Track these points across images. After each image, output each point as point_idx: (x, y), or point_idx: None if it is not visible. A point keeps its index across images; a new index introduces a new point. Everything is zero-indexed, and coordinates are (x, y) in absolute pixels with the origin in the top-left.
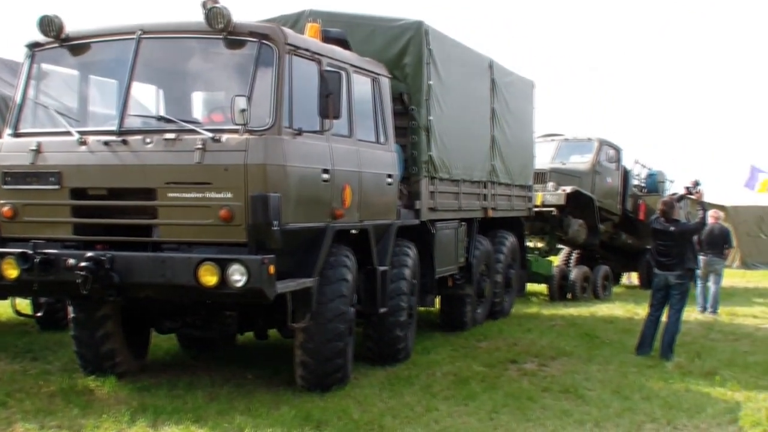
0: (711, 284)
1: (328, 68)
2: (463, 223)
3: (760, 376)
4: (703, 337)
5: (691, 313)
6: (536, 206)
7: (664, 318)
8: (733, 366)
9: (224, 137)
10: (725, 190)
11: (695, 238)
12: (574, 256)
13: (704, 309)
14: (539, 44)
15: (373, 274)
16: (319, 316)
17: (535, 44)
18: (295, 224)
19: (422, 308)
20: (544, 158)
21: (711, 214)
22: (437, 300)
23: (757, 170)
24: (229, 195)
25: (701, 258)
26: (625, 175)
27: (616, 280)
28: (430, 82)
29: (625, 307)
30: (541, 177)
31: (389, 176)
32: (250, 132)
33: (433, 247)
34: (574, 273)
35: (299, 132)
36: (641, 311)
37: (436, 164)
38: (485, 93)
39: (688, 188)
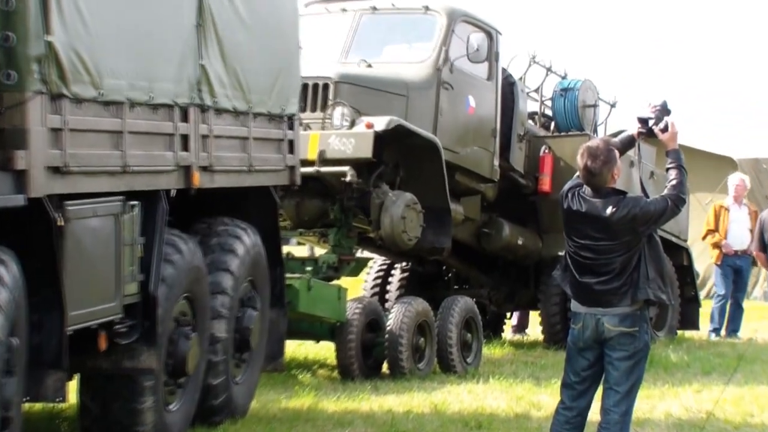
0: None
1: None
2: (134, 203)
3: None
4: None
5: (661, 402)
6: (307, 163)
7: (595, 415)
8: None
9: None
10: (738, 124)
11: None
12: (397, 275)
13: None
14: None
15: None
16: None
17: None
18: None
19: (35, 404)
20: (324, 52)
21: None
22: (71, 385)
23: None
24: None
25: None
26: (510, 91)
27: (494, 328)
28: None
29: (512, 392)
30: (318, 96)
31: None
32: None
33: (61, 260)
34: (397, 315)
35: None
36: (548, 400)
37: (64, 64)
38: None
39: (644, 121)
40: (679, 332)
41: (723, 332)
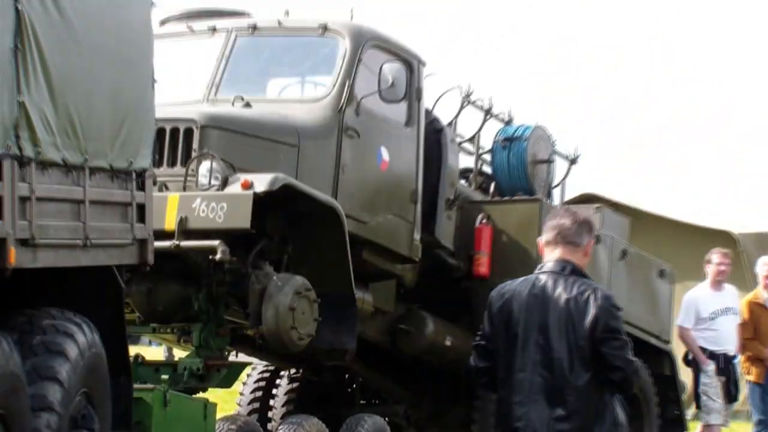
0: None
1: None
2: None
3: None
4: None
5: None
6: (163, 235)
7: None
8: None
9: None
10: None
11: None
12: (284, 386)
13: None
14: None
15: None
16: None
17: None
18: None
19: None
20: (187, 88)
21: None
22: None
23: None
24: None
25: None
26: (436, 139)
27: None
28: None
29: None
30: (177, 144)
31: None
32: None
33: None
34: None
35: None
36: None
37: None
38: None
39: None
40: None
41: None
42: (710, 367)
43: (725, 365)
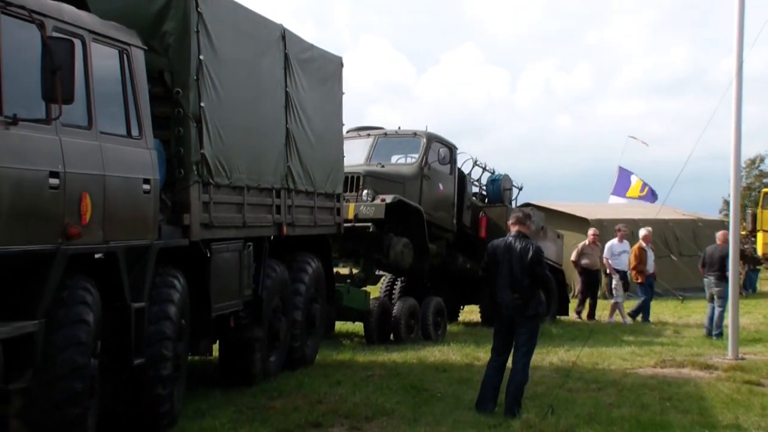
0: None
1: (55, 34)
2: (249, 243)
3: None
4: (559, 387)
5: (546, 356)
6: (347, 221)
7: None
8: (594, 423)
9: None
10: (593, 200)
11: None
12: (398, 285)
13: (710, 333)
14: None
15: (124, 314)
16: (45, 373)
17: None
18: (8, 247)
19: (194, 357)
20: (356, 158)
21: (719, 236)
22: (215, 346)
23: (628, 172)
24: None
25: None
26: (462, 180)
27: (453, 315)
28: (201, 57)
29: (463, 351)
30: (353, 183)
31: (146, 181)
32: None
33: (209, 275)
34: (398, 307)
35: (13, 120)
36: (483, 355)
37: (211, 165)
38: (277, 72)
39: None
40: (558, 317)
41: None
42: (616, 276)
43: (623, 276)
